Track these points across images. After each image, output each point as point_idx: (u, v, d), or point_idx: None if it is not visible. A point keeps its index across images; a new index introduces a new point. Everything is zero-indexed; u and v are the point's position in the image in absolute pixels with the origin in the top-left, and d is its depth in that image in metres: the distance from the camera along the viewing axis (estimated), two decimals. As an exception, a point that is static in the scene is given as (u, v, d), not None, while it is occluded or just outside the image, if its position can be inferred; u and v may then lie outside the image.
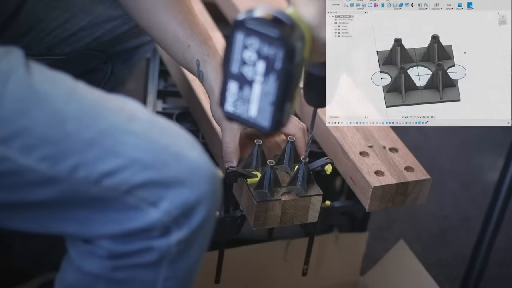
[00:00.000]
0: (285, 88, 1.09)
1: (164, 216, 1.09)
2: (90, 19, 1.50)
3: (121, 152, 1.07)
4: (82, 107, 1.09)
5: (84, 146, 1.07)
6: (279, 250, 1.65)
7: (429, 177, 1.43)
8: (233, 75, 1.11)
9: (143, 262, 1.11)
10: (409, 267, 1.68)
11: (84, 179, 1.07)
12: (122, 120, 1.10)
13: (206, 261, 1.51)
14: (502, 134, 2.51)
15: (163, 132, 1.11)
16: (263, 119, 1.11)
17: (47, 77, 1.10)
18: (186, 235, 1.10)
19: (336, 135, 1.49)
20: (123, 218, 1.09)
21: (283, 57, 1.07)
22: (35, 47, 1.50)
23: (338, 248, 1.69)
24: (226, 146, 1.39)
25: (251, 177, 1.36)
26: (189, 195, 1.08)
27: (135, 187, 1.08)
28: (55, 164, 1.06)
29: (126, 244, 1.10)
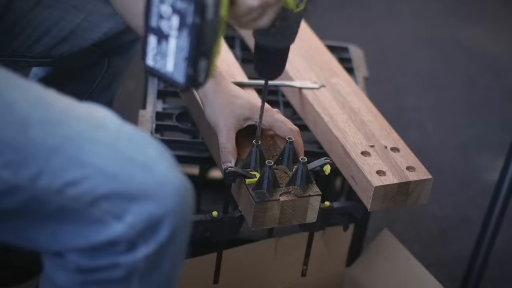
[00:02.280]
0: (197, 44, 1.10)
1: (128, 230, 1.06)
2: (84, 16, 1.49)
3: (86, 161, 1.05)
4: (47, 114, 1.06)
5: (48, 154, 1.04)
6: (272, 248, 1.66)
7: (430, 176, 1.43)
8: (152, 28, 1.12)
9: (111, 277, 1.09)
10: (395, 254, 1.69)
11: (46, 188, 1.05)
12: (89, 128, 1.07)
13: (204, 262, 1.52)
14: (502, 134, 2.52)
15: (131, 142, 1.08)
16: (178, 74, 1.13)
17: (12, 84, 1.08)
18: (153, 250, 1.07)
19: (338, 134, 1.49)
20: (88, 231, 1.07)
21: (193, 11, 1.08)
22: (35, 49, 1.50)
23: (325, 241, 1.69)
24: (223, 147, 1.38)
25: (250, 177, 1.36)
26: (154, 209, 1.06)
27: (99, 198, 1.05)
28: (18, 171, 1.04)
29: (93, 259, 1.08)
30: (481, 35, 3.14)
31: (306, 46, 1.74)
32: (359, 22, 3.13)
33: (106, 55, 1.59)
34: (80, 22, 1.49)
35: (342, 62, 1.75)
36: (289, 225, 1.39)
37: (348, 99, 1.59)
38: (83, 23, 1.49)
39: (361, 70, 1.82)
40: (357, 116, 1.55)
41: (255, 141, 1.39)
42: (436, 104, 2.74)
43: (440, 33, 3.12)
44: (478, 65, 2.95)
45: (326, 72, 1.66)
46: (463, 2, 3.32)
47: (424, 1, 3.33)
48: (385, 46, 3.01)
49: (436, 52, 3.02)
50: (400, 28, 3.13)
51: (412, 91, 2.79)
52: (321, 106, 1.56)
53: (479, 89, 2.84)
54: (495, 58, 3.01)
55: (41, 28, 1.48)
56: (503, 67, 2.97)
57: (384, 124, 1.54)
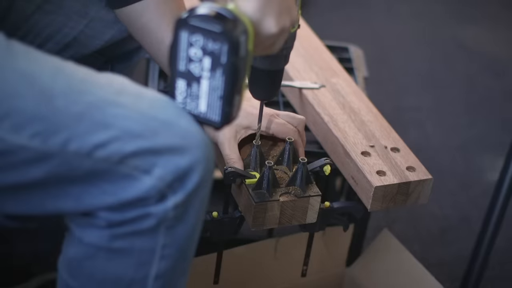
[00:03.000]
0: (232, 81, 1.11)
1: (158, 183, 1.10)
2: (86, 23, 1.49)
3: (111, 123, 1.09)
4: (69, 83, 1.10)
5: (74, 120, 1.08)
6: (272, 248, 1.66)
7: (430, 177, 1.43)
8: (181, 73, 1.13)
9: (140, 229, 1.13)
10: (395, 254, 1.69)
11: (76, 152, 1.08)
12: (110, 93, 1.11)
13: (204, 262, 1.52)
14: (502, 134, 2.52)
15: (152, 103, 1.12)
16: (213, 114, 1.13)
17: (31, 57, 1.12)
18: (182, 199, 1.11)
19: (338, 135, 1.49)
20: (117, 189, 1.10)
21: (227, 51, 1.09)
22: None
23: (325, 241, 1.69)
24: (228, 158, 1.39)
25: (250, 178, 1.36)
26: (181, 161, 1.10)
27: (127, 156, 1.09)
28: (47, 140, 1.07)
29: (123, 213, 1.12)
30: (481, 35, 3.14)
31: (306, 46, 1.74)
32: (359, 22, 3.13)
33: (110, 62, 1.59)
34: (83, 29, 1.50)
35: (342, 62, 1.75)
36: (289, 225, 1.39)
37: (348, 99, 1.59)
38: (86, 30, 1.50)
39: (361, 70, 1.82)
40: (357, 116, 1.55)
41: (255, 141, 1.39)
42: (436, 104, 2.74)
43: (440, 33, 3.12)
44: (479, 65, 2.96)
45: (326, 72, 1.66)
46: (464, 3, 3.32)
47: (424, 2, 3.33)
48: (385, 46, 3.01)
49: (436, 52, 3.02)
50: (400, 28, 3.14)
51: (412, 91, 2.79)
52: (321, 106, 1.56)
53: (480, 89, 2.84)
54: (495, 58, 3.01)
55: (43, 34, 1.48)
56: (504, 67, 2.97)
57: (384, 124, 1.54)
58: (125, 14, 1.42)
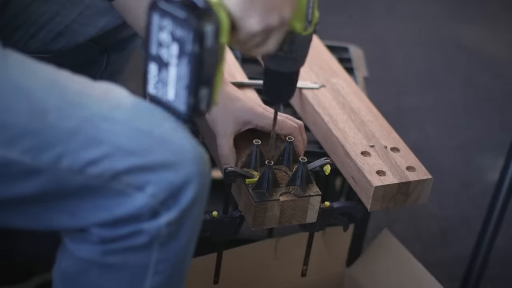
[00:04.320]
0: (197, 72, 1.09)
1: (151, 200, 1.09)
2: (80, 11, 1.49)
3: (104, 139, 1.07)
4: (63, 96, 1.09)
5: (67, 136, 1.07)
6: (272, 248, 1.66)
7: (430, 176, 1.43)
8: (152, 56, 1.11)
9: (133, 245, 1.12)
10: (395, 254, 1.69)
11: (68, 169, 1.07)
12: (105, 107, 1.10)
13: (204, 262, 1.52)
14: (502, 134, 2.52)
15: (147, 117, 1.11)
16: (180, 103, 1.12)
17: (26, 69, 1.10)
18: (175, 216, 1.10)
19: (338, 134, 1.49)
20: (111, 205, 1.09)
21: (192, 40, 1.07)
22: (31, 44, 1.50)
23: (325, 241, 1.69)
24: (221, 149, 1.39)
25: (250, 177, 1.36)
26: (174, 177, 1.09)
27: (119, 173, 1.08)
28: (39, 155, 1.06)
29: (116, 229, 1.11)
30: (481, 36, 3.14)
31: (306, 46, 1.73)
32: (359, 22, 3.13)
33: (105, 51, 1.59)
34: (76, 17, 1.49)
35: (342, 62, 1.75)
36: (289, 225, 1.39)
37: (348, 99, 1.59)
38: (78, 18, 1.49)
39: (361, 70, 1.82)
40: (357, 116, 1.55)
41: (255, 141, 1.39)
42: (436, 104, 2.74)
43: (440, 34, 3.13)
44: (478, 66, 2.96)
45: (326, 72, 1.66)
46: (463, 3, 3.32)
47: (424, 2, 3.33)
48: (385, 46, 3.01)
49: (436, 52, 3.02)
50: (400, 28, 3.14)
51: (412, 91, 2.79)
52: (321, 106, 1.56)
53: (479, 89, 2.84)
54: (495, 58, 3.01)
55: (37, 23, 1.48)
56: (503, 67, 2.97)
57: (384, 124, 1.54)
58: (121, 4, 1.41)
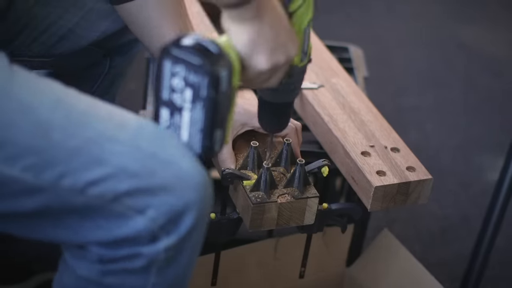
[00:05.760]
0: (213, 116, 1.09)
1: (151, 224, 1.08)
2: (82, 15, 1.49)
3: (107, 160, 1.06)
4: (68, 115, 1.08)
5: (69, 155, 1.06)
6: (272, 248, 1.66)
7: (430, 177, 1.43)
8: (164, 101, 1.11)
9: (131, 267, 1.11)
10: (395, 254, 1.69)
11: (69, 188, 1.06)
12: (110, 128, 1.09)
13: (202, 263, 1.51)
14: (502, 134, 2.52)
15: (152, 139, 1.10)
16: (194, 145, 1.12)
17: (32, 86, 1.09)
18: (174, 242, 1.10)
19: (338, 135, 1.49)
20: (111, 226, 1.09)
21: (207, 85, 1.07)
22: (34, 47, 1.50)
23: (325, 241, 1.69)
24: (220, 154, 1.38)
25: (247, 179, 1.36)
26: (176, 202, 1.08)
27: (120, 195, 1.07)
28: (40, 174, 1.05)
29: (115, 250, 1.10)
30: (481, 36, 3.14)
31: (306, 46, 1.73)
32: (359, 22, 3.13)
33: (108, 55, 1.59)
34: (78, 20, 1.49)
35: (342, 62, 1.75)
36: (287, 227, 1.38)
37: (348, 99, 1.59)
38: (81, 22, 1.49)
39: (361, 70, 1.82)
40: (357, 116, 1.55)
41: (253, 142, 1.38)
42: (436, 104, 2.74)
43: (440, 33, 3.13)
44: (478, 66, 2.96)
45: (326, 72, 1.66)
46: (463, 3, 3.32)
47: (424, 2, 3.33)
48: (385, 46, 3.01)
49: (436, 52, 3.02)
50: (400, 28, 3.14)
51: (412, 91, 2.79)
52: (321, 106, 1.56)
53: (479, 89, 2.85)
54: (495, 58, 3.01)
55: (40, 27, 1.48)
56: (503, 67, 2.97)
57: (384, 124, 1.54)
58: (126, 10, 1.41)
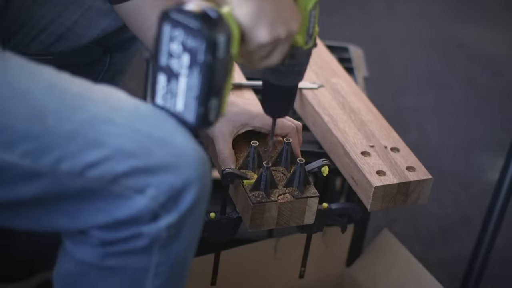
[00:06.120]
0: (208, 82, 1.09)
1: (151, 203, 1.08)
2: (82, 13, 1.49)
3: (104, 142, 1.07)
4: (63, 100, 1.08)
5: (66, 139, 1.07)
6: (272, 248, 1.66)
7: (430, 176, 1.43)
8: (162, 67, 1.11)
9: (133, 248, 1.12)
10: (395, 254, 1.69)
11: (68, 172, 1.07)
12: (104, 110, 1.09)
13: (202, 262, 1.51)
14: (502, 134, 2.52)
15: (147, 120, 1.11)
16: (189, 114, 1.11)
17: (25, 72, 1.10)
18: (175, 219, 1.10)
19: (337, 134, 1.49)
20: (111, 207, 1.09)
21: (204, 49, 1.07)
22: (33, 46, 1.50)
23: (325, 241, 1.69)
24: (220, 153, 1.39)
25: (247, 179, 1.36)
26: (175, 180, 1.08)
27: (119, 176, 1.08)
28: (38, 159, 1.06)
29: (116, 231, 1.11)
30: (481, 36, 3.14)
31: (306, 46, 1.73)
32: (359, 22, 3.13)
33: (108, 52, 1.59)
34: (77, 19, 1.49)
35: (342, 62, 1.75)
36: (287, 226, 1.38)
37: (348, 99, 1.59)
38: (80, 20, 1.49)
39: (361, 70, 1.82)
40: (357, 116, 1.55)
41: (253, 142, 1.38)
42: (436, 104, 2.74)
43: (440, 33, 3.12)
44: (478, 65, 2.96)
45: (326, 72, 1.66)
46: (463, 3, 3.32)
47: (424, 2, 3.33)
48: (385, 46, 3.01)
49: (436, 52, 3.02)
50: (400, 28, 3.14)
51: (412, 91, 2.79)
52: (321, 106, 1.56)
53: (479, 89, 2.84)
54: (495, 58, 3.01)
55: (38, 26, 1.48)
56: (503, 67, 2.97)
57: (384, 124, 1.54)
58: (123, 9, 1.41)
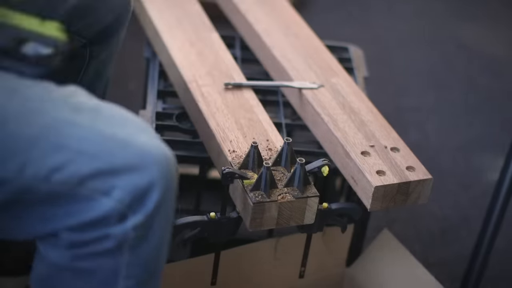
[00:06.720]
0: None
1: (117, 204, 1.08)
2: None
3: (66, 145, 1.07)
4: (23, 104, 1.08)
5: (28, 144, 1.06)
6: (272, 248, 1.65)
7: (430, 176, 1.43)
8: None
9: (102, 249, 1.11)
10: (395, 254, 1.69)
11: (33, 177, 1.06)
12: (66, 112, 1.09)
13: (202, 262, 1.51)
14: (502, 134, 2.52)
15: (110, 120, 1.10)
16: None
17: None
18: (142, 219, 1.10)
19: (338, 135, 1.49)
20: (78, 210, 1.09)
21: None
22: None
23: (325, 241, 1.69)
24: None
25: (247, 178, 1.36)
26: (139, 180, 1.08)
27: (84, 178, 1.07)
28: (2, 166, 1.05)
29: (84, 233, 1.10)
30: (482, 35, 3.13)
31: (306, 46, 1.73)
32: (359, 21, 3.13)
33: (87, 45, 1.55)
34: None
35: (342, 62, 1.75)
36: (287, 226, 1.38)
37: (348, 99, 1.59)
38: None
39: (361, 70, 1.82)
40: (357, 116, 1.55)
41: (253, 142, 1.38)
42: (436, 104, 2.74)
43: (440, 33, 3.12)
44: (479, 65, 2.95)
45: (326, 72, 1.66)
46: (464, 2, 3.32)
47: (424, 1, 3.32)
48: (385, 46, 3.00)
49: (436, 52, 3.02)
50: (400, 28, 3.13)
51: (412, 91, 2.79)
52: (321, 106, 1.56)
53: (480, 89, 2.84)
54: (496, 58, 3.01)
55: None
56: (504, 67, 2.97)
57: (384, 124, 1.54)
58: None
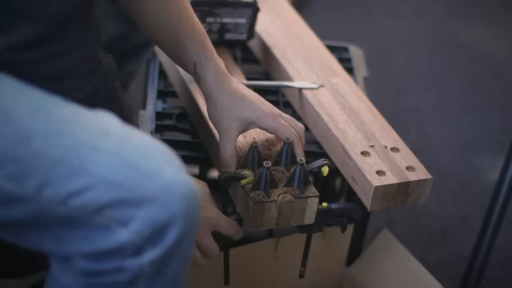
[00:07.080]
0: None
1: (134, 236, 1.06)
2: None
3: (89, 170, 1.04)
4: (50, 123, 1.06)
5: (51, 165, 1.04)
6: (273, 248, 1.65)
7: (430, 176, 1.43)
8: None
9: (116, 281, 1.09)
10: (395, 254, 1.69)
11: (50, 199, 1.05)
12: (92, 136, 1.06)
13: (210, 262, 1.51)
14: (502, 134, 2.52)
15: (136, 149, 1.07)
16: None
17: (16, 93, 1.08)
18: (159, 255, 1.07)
19: (338, 135, 1.49)
20: (94, 237, 1.07)
21: None
22: None
23: (325, 241, 1.69)
24: (223, 151, 1.37)
25: (244, 178, 1.35)
26: (160, 215, 1.05)
27: (104, 206, 1.05)
28: (22, 183, 1.04)
29: (98, 263, 1.08)
30: (481, 36, 3.14)
31: (306, 46, 1.73)
32: (359, 22, 3.13)
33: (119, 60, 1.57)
34: None
35: (342, 62, 1.75)
36: (287, 226, 1.38)
37: (348, 99, 1.59)
38: None
39: (361, 70, 1.82)
40: (357, 116, 1.55)
41: (253, 142, 1.38)
42: (436, 104, 2.74)
43: (440, 33, 3.12)
44: (478, 65, 2.96)
45: (326, 72, 1.66)
46: (463, 3, 3.32)
47: (424, 1, 3.33)
48: (385, 46, 3.01)
49: (436, 52, 3.02)
50: (400, 28, 3.13)
51: (412, 91, 2.79)
52: (321, 106, 1.56)
53: (479, 89, 2.84)
54: (495, 58, 3.01)
55: None
56: (503, 67, 2.97)
57: (384, 124, 1.54)
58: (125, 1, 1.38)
